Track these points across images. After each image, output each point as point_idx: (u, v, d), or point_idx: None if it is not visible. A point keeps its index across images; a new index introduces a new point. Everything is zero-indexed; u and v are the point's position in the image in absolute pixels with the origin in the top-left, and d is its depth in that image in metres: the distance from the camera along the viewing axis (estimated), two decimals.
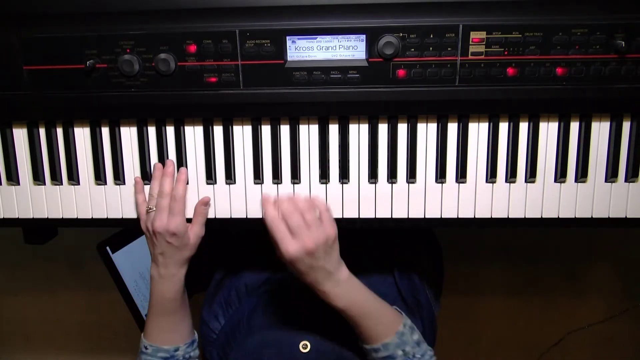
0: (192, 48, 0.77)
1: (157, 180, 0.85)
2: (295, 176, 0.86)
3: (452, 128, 0.83)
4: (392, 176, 0.85)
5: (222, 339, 1.00)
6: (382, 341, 0.82)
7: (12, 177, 0.88)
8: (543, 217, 0.85)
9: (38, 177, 0.88)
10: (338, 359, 0.90)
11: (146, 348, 0.87)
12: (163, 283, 0.85)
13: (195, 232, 0.85)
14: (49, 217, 0.89)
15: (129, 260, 1.18)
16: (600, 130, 0.83)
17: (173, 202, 0.83)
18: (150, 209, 0.84)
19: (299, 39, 0.77)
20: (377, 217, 0.87)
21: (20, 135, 0.88)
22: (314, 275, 0.78)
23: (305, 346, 0.91)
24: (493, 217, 0.85)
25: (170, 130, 0.86)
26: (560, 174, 0.83)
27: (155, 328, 0.87)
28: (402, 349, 0.82)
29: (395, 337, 0.82)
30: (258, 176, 0.86)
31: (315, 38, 0.77)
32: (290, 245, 0.76)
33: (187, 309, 0.91)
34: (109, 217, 0.89)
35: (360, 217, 0.87)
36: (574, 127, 0.83)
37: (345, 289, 0.81)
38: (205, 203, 0.87)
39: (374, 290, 0.97)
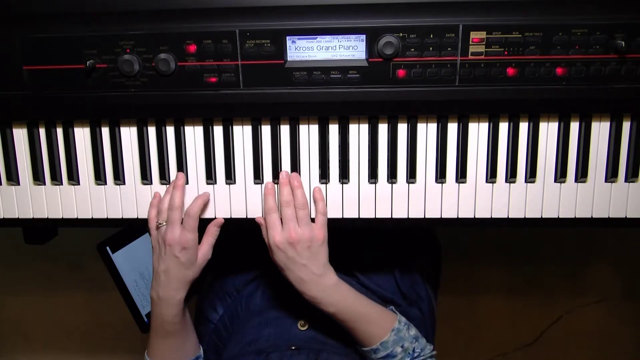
0: (192, 48, 0.77)
1: (169, 195, 0.85)
2: None
3: (452, 128, 0.84)
4: (392, 176, 0.85)
5: (221, 327, 1.02)
6: (379, 341, 0.82)
7: (12, 177, 0.88)
8: (543, 217, 0.85)
9: (38, 177, 0.88)
10: (336, 336, 0.91)
11: None
12: (162, 306, 0.84)
13: (203, 253, 0.85)
14: (49, 217, 0.89)
15: (129, 260, 1.18)
16: (600, 130, 0.83)
17: (187, 218, 0.83)
18: (161, 223, 0.84)
19: (299, 39, 0.77)
20: (377, 217, 0.87)
21: (20, 135, 0.88)
22: (297, 273, 0.81)
23: (303, 324, 0.92)
24: (493, 217, 0.85)
25: (170, 130, 0.86)
26: (560, 174, 0.83)
27: (158, 349, 0.87)
28: (401, 345, 0.83)
29: (392, 334, 0.83)
30: (258, 176, 0.86)
31: (315, 38, 0.77)
32: (277, 234, 0.80)
33: (189, 329, 0.90)
34: (109, 217, 0.89)
35: (361, 217, 0.87)
36: (574, 127, 0.83)
37: (333, 295, 0.82)
38: (218, 225, 0.86)
39: (374, 287, 0.97)
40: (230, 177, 0.86)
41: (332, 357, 0.84)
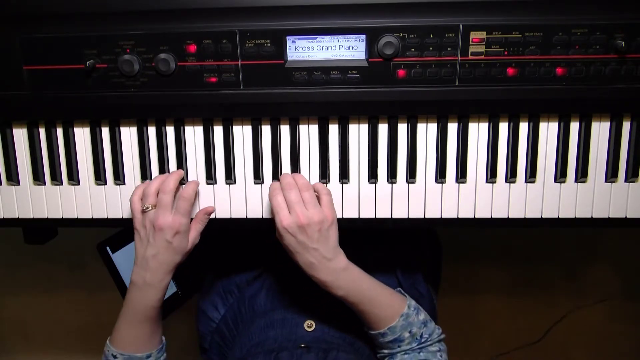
0: (192, 48, 0.78)
1: (160, 179, 0.83)
2: None
3: (452, 128, 0.84)
4: (392, 176, 0.85)
5: (223, 327, 1.01)
6: (387, 325, 0.82)
7: (12, 177, 0.88)
8: (543, 217, 0.85)
9: (38, 177, 0.88)
10: (342, 337, 0.91)
11: (115, 357, 0.83)
12: (148, 290, 0.81)
13: (192, 238, 0.83)
14: (49, 217, 0.89)
15: (129, 260, 1.17)
16: (600, 130, 0.83)
17: (181, 201, 0.80)
18: (148, 207, 0.81)
19: (299, 39, 0.77)
20: (377, 217, 0.87)
21: (20, 135, 0.88)
22: (307, 257, 0.78)
23: (310, 325, 0.92)
24: (493, 217, 0.85)
25: (170, 130, 0.86)
26: (560, 174, 0.83)
27: (129, 336, 0.84)
28: (409, 330, 0.82)
29: (401, 319, 0.82)
30: (258, 176, 0.86)
31: (315, 38, 0.77)
32: (284, 218, 0.77)
33: (161, 317, 0.88)
34: (109, 217, 0.89)
35: (361, 217, 0.87)
36: (574, 127, 0.83)
37: (343, 278, 0.81)
38: (208, 213, 0.86)
39: None
40: (230, 177, 0.86)
41: (341, 354, 0.84)
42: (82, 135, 0.87)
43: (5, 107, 0.83)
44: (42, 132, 0.87)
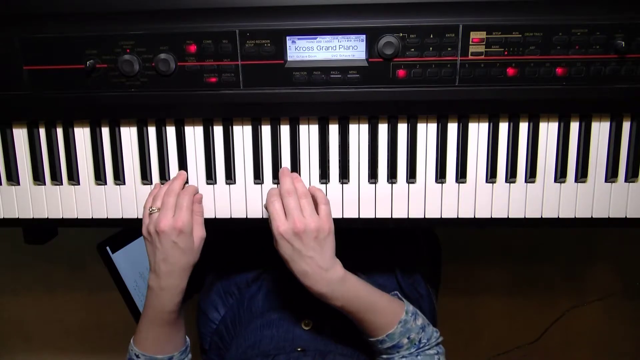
0: (192, 48, 0.78)
1: (168, 185, 0.83)
2: None
3: (452, 128, 0.84)
4: (392, 176, 0.85)
5: (223, 328, 1.01)
6: (385, 332, 0.81)
7: (12, 177, 0.88)
8: (543, 217, 0.85)
9: (38, 177, 0.88)
10: (340, 339, 0.90)
11: (137, 356, 0.84)
12: (164, 296, 0.81)
13: (198, 234, 0.82)
14: (49, 217, 0.89)
15: (129, 260, 1.18)
16: (600, 130, 0.83)
17: (181, 197, 0.80)
18: (153, 210, 0.81)
19: (299, 39, 0.77)
20: (377, 217, 0.87)
21: (20, 135, 0.88)
22: (303, 265, 0.77)
23: (307, 323, 0.91)
24: (493, 217, 0.85)
25: (170, 130, 0.86)
26: (560, 174, 0.83)
27: (149, 338, 0.84)
28: (407, 336, 0.81)
29: (399, 326, 0.81)
30: (258, 176, 0.86)
31: (315, 38, 0.77)
32: (281, 223, 0.76)
33: (183, 318, 0.88)
34: (109, 217, 0.89)
35: (360, 217, 0.87)
36: (574, 127, 0.83)
37: (339, 289, 0.79)
38: (199, 200, 0.85)
39: (375, 285, 0.97)
40: (230, 177, 0.86)
41: (338, 357, 0.84)
42: (82, 135, 0.87)
43: (5, 107, 0.83)
44: (42, 132, 0.87)
